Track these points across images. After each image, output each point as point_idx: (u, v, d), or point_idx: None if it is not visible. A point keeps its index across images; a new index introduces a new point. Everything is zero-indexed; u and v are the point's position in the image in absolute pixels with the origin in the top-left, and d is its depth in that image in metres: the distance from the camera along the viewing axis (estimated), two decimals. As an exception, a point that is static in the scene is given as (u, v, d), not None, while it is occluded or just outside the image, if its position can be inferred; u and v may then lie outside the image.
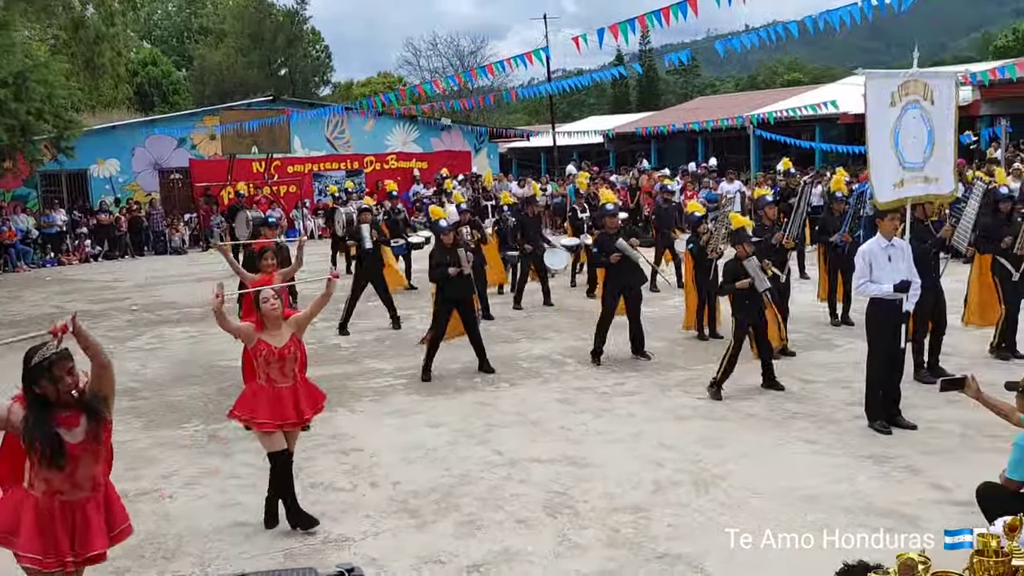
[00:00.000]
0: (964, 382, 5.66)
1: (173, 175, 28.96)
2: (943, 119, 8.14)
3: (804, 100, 30.15)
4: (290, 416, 6.19)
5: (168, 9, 63.63)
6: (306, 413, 6.35)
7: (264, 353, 6.19)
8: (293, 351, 6.27)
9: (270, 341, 6.22)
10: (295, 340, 6.32)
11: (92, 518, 4.32)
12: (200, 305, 16.09)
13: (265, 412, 6.13)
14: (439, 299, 10.22)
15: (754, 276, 8.85)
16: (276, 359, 6.19)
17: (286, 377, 6.23)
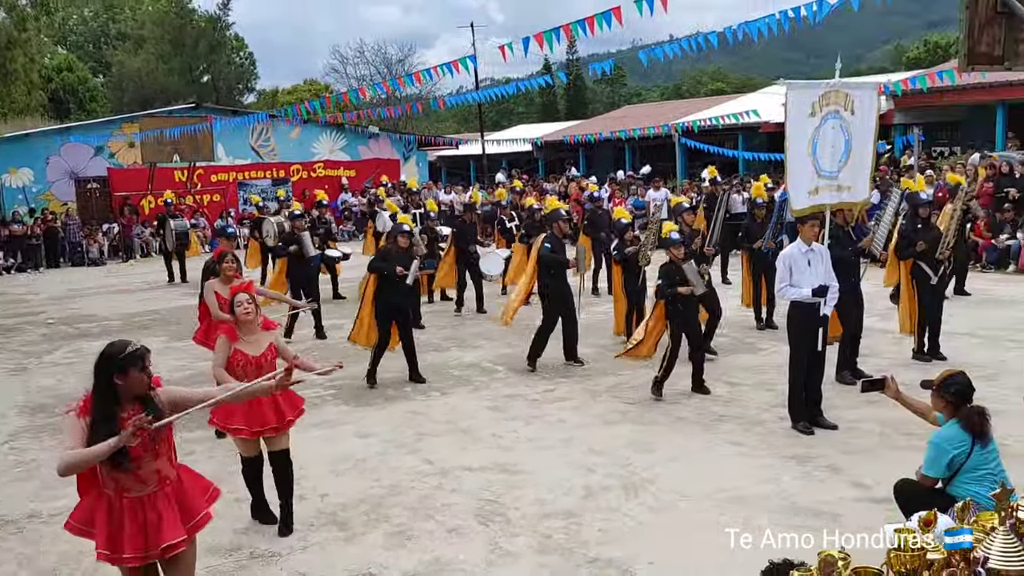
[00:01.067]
0: (884, 383, 5.82)
1: (90, 184, 28.22)
2: (863, 129, 8.36)
3: (727, 109, 30.74)
4: (270, 421, 6.17)
5: (84, 14, 62.08)
6: (288, 415, 6.29)
7: (241, 362, 6.13)
8: (270, 360, 6.20)
9: (246, 350, 6.17)
10: (274, 348, 6.26)
11: (163, 512, 4.38)
12: (120, 317, 15.72)
13: (240, 419, 6.11)
14: (378, 306, 10.06)
15: (692, 279, 8.98)
16: (254, 367, 6.10)
17: None
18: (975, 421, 5.11)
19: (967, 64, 4.93)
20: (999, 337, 11.14)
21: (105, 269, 24.47)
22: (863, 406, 8.31)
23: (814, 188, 8.13)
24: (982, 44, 4.93)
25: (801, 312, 7.90)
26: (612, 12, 10.80)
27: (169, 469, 4.48)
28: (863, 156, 8.43)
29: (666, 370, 9.07)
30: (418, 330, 12.84)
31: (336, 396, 9.85)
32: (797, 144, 8.01)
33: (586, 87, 67.46)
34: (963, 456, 5.09)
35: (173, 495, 4.47)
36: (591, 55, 74.83)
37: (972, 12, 4.87)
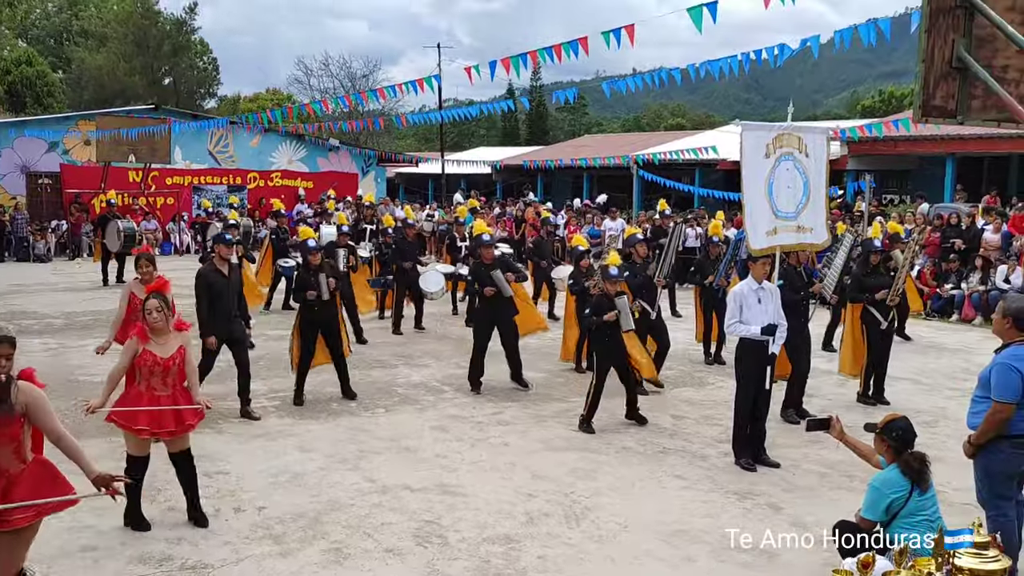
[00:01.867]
0: (829, 423, 5.89)
1: (42, 179, 27.67)
2: (817, 172, 8.51)
3: (686, 144, 31.13)
4: (168, 424, 6.18)
5: (48, 8, 61.12)
6: (188, 419, 6.28)
7: (149, 363, 6.14)
8: (178, 363, 6.22)
9: (156, 351, 6.17)
10: (183, 351, 6.25)
11: None
12: (62, 316, 15.39)
13: (144, 418, 6.10)
14: (301, 322, 10.00)
15: (621, 315, 8.99)
16: (161, 369, 6.15)
17: (167, 386, 6.21)
18: (915, 467, 5.18)
19: (921, 116, 5.06)
20: (940, 384, 11.36)
21: (51, 266, 23.96)
22: (806, 445, 8.40)
23: (772, 229, 8.24)
24: (937, 98, 5.07)
25: (749, 349, 7.98)
26: (579, 42, 10.89)
27: (13, 463, 4.45)
28: (819, 198, 8.58)
29: (591, 407, 9.06)
30: (364, 346, 12.77)
31: (279, 408, 9.71)
32: (753, 184, 8.11)
33: (548, 114, 67.93)
34: (902, 501, 5.15)
35: (5, 490, 4.44)
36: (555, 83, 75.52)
37: (928, 66, 5.00)
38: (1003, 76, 4.98)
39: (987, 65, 4.95)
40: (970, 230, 17.78)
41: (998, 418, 5.31)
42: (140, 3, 53.41)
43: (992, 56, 5.01)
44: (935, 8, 4.93)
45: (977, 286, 16.42)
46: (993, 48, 5.01)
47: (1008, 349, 5.40)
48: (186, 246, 27.73)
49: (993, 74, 4.92)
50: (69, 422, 8.82)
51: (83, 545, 6.14)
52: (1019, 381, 5.25)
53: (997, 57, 5.02)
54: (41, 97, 47.95)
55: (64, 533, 6.28)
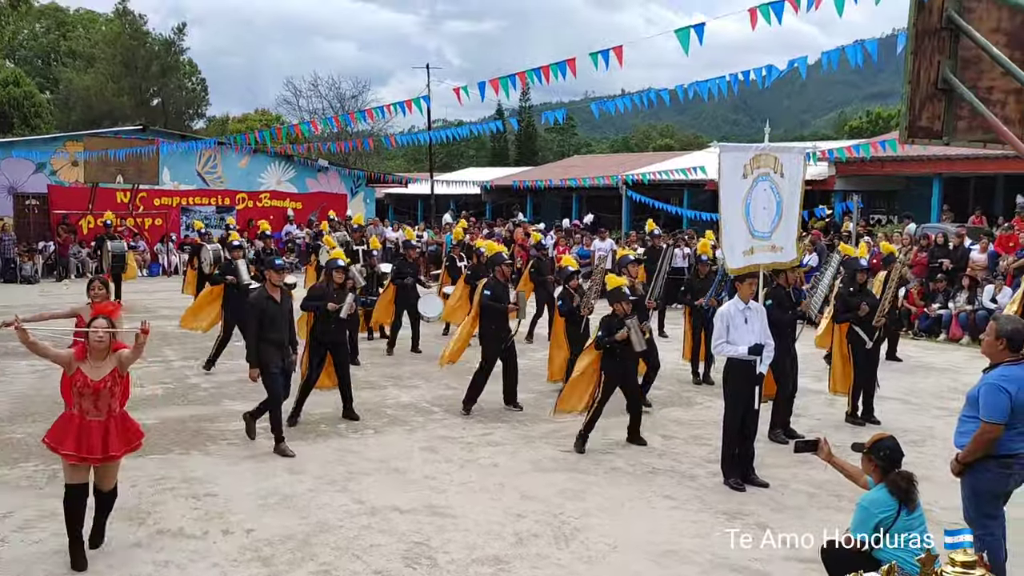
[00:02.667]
0: (817, 444, 5.89)
1: (29, 200, 27.57)
2: (791, 192, 8.58)
3: (675, 164, 31.28)
4: (95, 451, 6.02)
5: (35, 29, 61.06)
6: (113, 449, 6.10)
7: (79, 384, 6.04)
8: (110, 386, 6.07)
9: (88, 373, 6.05)
10: (115, 375, 6.11)
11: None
12: (48, 337, 15.25)
13: (72, 443, 5.97)
14: (311, 341, 9.99)
15: (634, 335, 8.98)
16: (91, 392, 6.02)
17: (99, 411, 6.05)
18: (902, 486, 5.19)
19: (908, 137, 5.10)
20: (928, 404, 11.39)
21: (39, 288, 23.82)
22: (794, 465, 8.41)
23: (749, 248, 8.30)
24: (923, 119, 5.11)
25: (737, 369, 7.99)
26: (567, 63, 10.94)
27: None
28: (791, 218, 8.64)
29: (589, 424, 9.07)
30: (355, 367, 12.71)
31: (268, 430, 9.63)
32: (731, 205, 8.19)
33: (537, 135, 68.21)
34: (889, 520, 5.15)
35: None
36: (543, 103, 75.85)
37: (914, 87, 5.05)
38: (988, 97, 5.03)
39: (973, 86, 5.00)
40: (957, 250, 17.89)
41: (986, 438, 5.31)
42: (128, 24, 53.43)
43: (978, 78, 5.06)
44: (921, 30, 4.99)
45: (964, 306, 16.51)
46: (978, 70, 5.06)
47: (997, 369, 5.41)
48: (174, 267, 27.65)
49: (978, 95, 4.97)
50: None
51: (70, 569, 6.08)
52: (1008, 402, 5.26)
53: (982, 79, 5.07)
54: (29, 118, 47.82)
55: (51, 556, 6.23)
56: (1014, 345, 5.38)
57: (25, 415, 10.15)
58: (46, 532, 6.66)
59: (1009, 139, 4.81)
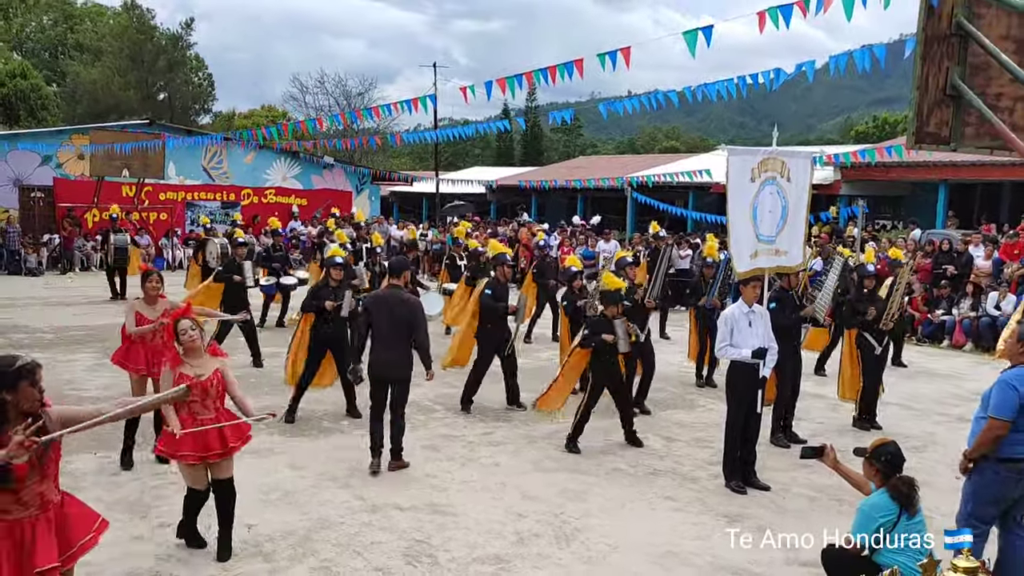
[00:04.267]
0: (823, 451, 5.88)
1: (35, 193, 27.61)
2: (798, 196, 8.57)
3: (680, 167, 31.24)
4: (214, 447, 6.10)
5: (43, 22, 61.21)
6: (232, 442, 6.19)
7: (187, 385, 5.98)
8: (216, 383, 6.14)
9: (191, 373, 6.06)
10: (219, 373, 6.19)
11: (40, 536, 4.23)
12: (53, 330, 15.33)
13: (189, 445, 6.01)
14: (312, 339, 9.99)
15: (619, 336, 9.00)
16: (200, 391, 6.04)
17: (208, 409, 6.11)
18: (903, 491, 5.19)
19: (915, 143, 5.10)
20: (930, 410, 11.38)
21: (43, 280, 23.87)
22: (796, 469, 8.40)
23: (754, 252, 8.30)
24: (930, 124, 5.10)
25: (740, 372, 7.99)
26: (574, 63, 10.94)
27: (54, 492, 4.35)
28: (797, 222, 8.63)
29: (577, 427, 9.07)
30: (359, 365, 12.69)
31: (271, 425, 9.62)
32: (738, 208, 8.17)
33: (543, 135, 68.26)
34: (890, 525, 5.15)
35: (55, 520, 4.33)
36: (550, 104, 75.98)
37: (922, 93, 5.04)
38: (996, 104, 5.02)
39: (981, 93, 4.99)
40: (961, 256, 17.86)
41: (992, 434, 5.36)
42: (136, 18, 53.53)
43: (986, 84, 5.05)
44: (930, 36, 4.98)
45: (968, 312, 16.49)
46: (987, 76, 5.05)
47: (1013, 369, 5.47)
48: (179, 262, 27.67)
49: (987, 102, 4.96)
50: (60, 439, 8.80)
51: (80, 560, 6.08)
52: (1016, 400, 5.31)
53: (991, 85, 5.06)
54: (35, 110, 47.94)
55: (131, 542, 6.26)
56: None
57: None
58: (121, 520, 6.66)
59: (1017, 146, 4.80)
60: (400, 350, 8.08)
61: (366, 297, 8.50)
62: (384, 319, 8.06)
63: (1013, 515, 5.65)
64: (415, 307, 8.28)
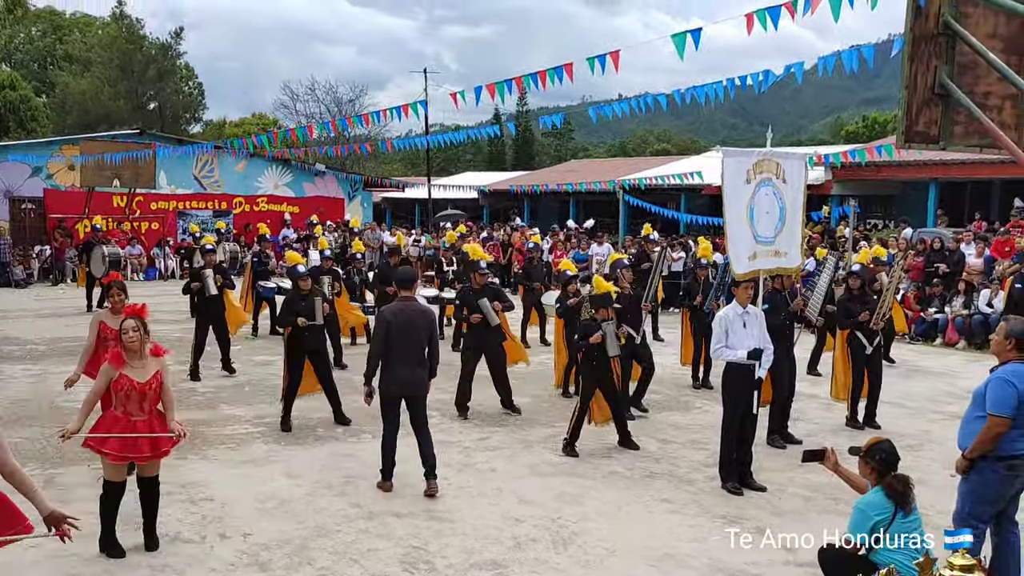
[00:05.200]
0: (824, 454, 5.88)
1: (25, 204, 27.53)
2: (793, 198, 8.58)
3: (672, 169, 31.28)
4: (144, 451, 6.16)
5: (32, 33, 61.06)
6: (164, 445, 6.24)
7: (125, 388, 6.11)
8: (155, 387, 6.19)
9: (132, 375, 6.13)
10: (160, 376, 6.23)
11: None
12: (44, 342, 15.27)
13: (115, 444, 6.06)
14: (291, 349, 9.97)
15: (608, 340, 8.99)
16: (137, 394, 6.10)
17: (143, 412, 6.17)
18: (898, 489, 5.19)
19: (904, 142, 5.11)
20: (924, 408, 11.40)
21: (34, 292, 23.79)
22: (791, 469, 8.41)
23: (753, 253, 8.30)
24: (919, 123, 5.12)
25: (736, 374, 8.00)
26: (564, 68, 10.96)
27: None
28: (795, 223, 8.65)
29: (574, 431, 9.07)
30: (343, 370, 12.69)
31: (264, 434, 9.65)
32: (735, 210, 8.17)
33: (534, 139, 68.31)
34: (886, 523, 5.16)
35: None
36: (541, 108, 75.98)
37: (911, 92, 5.06)
38: (985, 103, 5.04)
39: (969, 92, 5.01)
40: (953, 254, 17.91)
41: (994, 432, 5.37)
42: (125, 28, 53.40)
43: (974, 83, 5.07)
44: (918, 35, 5.00)
45: (960, 310, 16.53)
46: (975, 75, 5.07)
47: (1006, 366, 5.48)
48: (171, 271, 27.62)
49: (975, 100, 4.98)
50: (52, 450, 8.79)
51: (67, 573, 6.09)
52: (1015, 395, 5.32)
53: (979, 84, 5.08)
54: (25, 121, 47.79)
55: (46, 560, 6.22)
56: (1022, 345, 5.45)
57: (22, 419, 10.14)
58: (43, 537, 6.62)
59: (1005, 144, 4.82)
60: (418, 365, 7.73)
61: (380, 312, 8.12)
62: (400, 334, 7.66)
63: (1008, 513, 5.67)
64: (432, 319, 7.99)
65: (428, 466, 7.83)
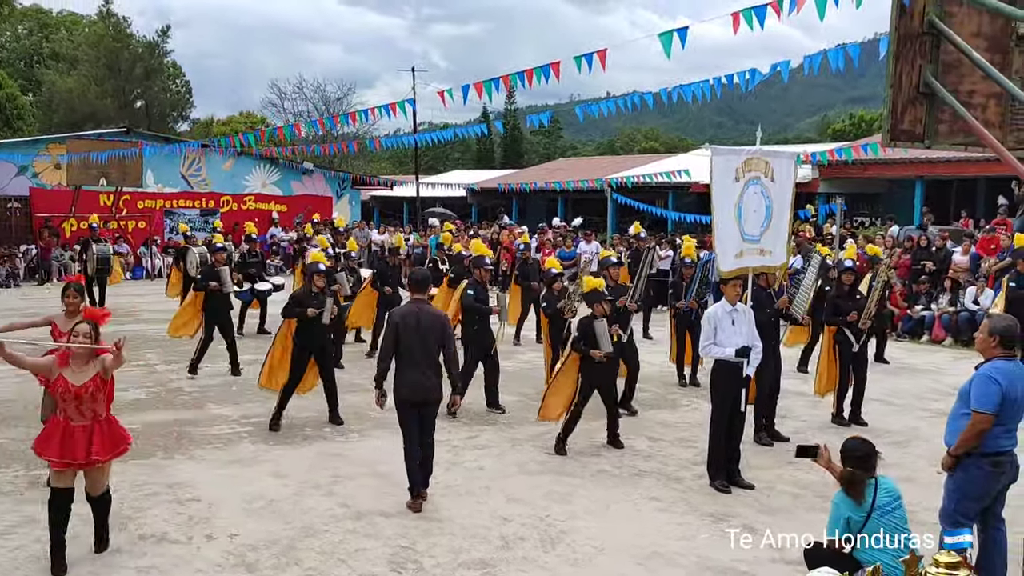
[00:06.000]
0: (817, 451, 5.90)
1: (11, 203, 27.38)
2: (782, 196, 8.59)
3: (659, 167, 31.32)
4: (79, 456, 5.99)
5: (18, 31, 60.68)
6: (97, 454, 6.04)
7: (61, 390, 6.02)
8: (92, 391, 6.04)
9: (70, 378, 6.02)
10: (98, 379, 6.07)
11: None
12: (30, 341, 15.15)
13: (55, 449, 5.96)
14: (295, 346, 9.95)
15: (599, 338, 9.00)
16: (73, 397, 5.99)
17: (83, 415, 6.03)
18: (844, 478, 5.28)
19: (890, 140, 5.13)
20: (911, 405, 11.45)
21: (20, 291, 23.65)
22: (780, 467, 8.44)
23: (739, 251, 8.32)
24: (904, 122, 5.14)
25: (724, 371, 8.01)
26: (551, 66, 10.96)
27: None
28: (781, 222, 8.66)
29: (567, 428, 9.08)
30: (338, 370, 12.66)
31: (252, 434, 9.62)
32: (723, 208, 8.18)
33: (523, 137, 68.30)
34: (861, 520, 5.19)
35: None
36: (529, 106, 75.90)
37: (896, 91, 5.07)
38: (969, 101, 5.06)
39: (954, 90, 5.03)
40: (940, 252, 18.00)
41: (978, 428, 5.39)
42: (112, 26, 53.16)
43: (959, 81, 5.09)
44: (903, 34, 5.01)
45: (947, 307, 16.61)
46: (959, 73, 5.09)
47: (990, 362, 5.50)
48: (157, 270, 27.51)
49: (960, 99, 5.00)
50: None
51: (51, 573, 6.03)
52: (999, 392, 5.34)
53: (963, 82, 5.10)
54: (11, 120, 47.50)
55: (32, 562, 6.18)
56: (1006, 342, 5.50)
57: (6, 419, 10.07)
58: (27, 538, 6.60)
59: (990, 142, 4.84)
60: (431, 371, 7.46)
61: (390, 314, 7.88)
62: (413, 337, 7.38)
63: (993, 509, 5.70)
64: (445, 322, 7.67)
65: (425, 475, 7.62)
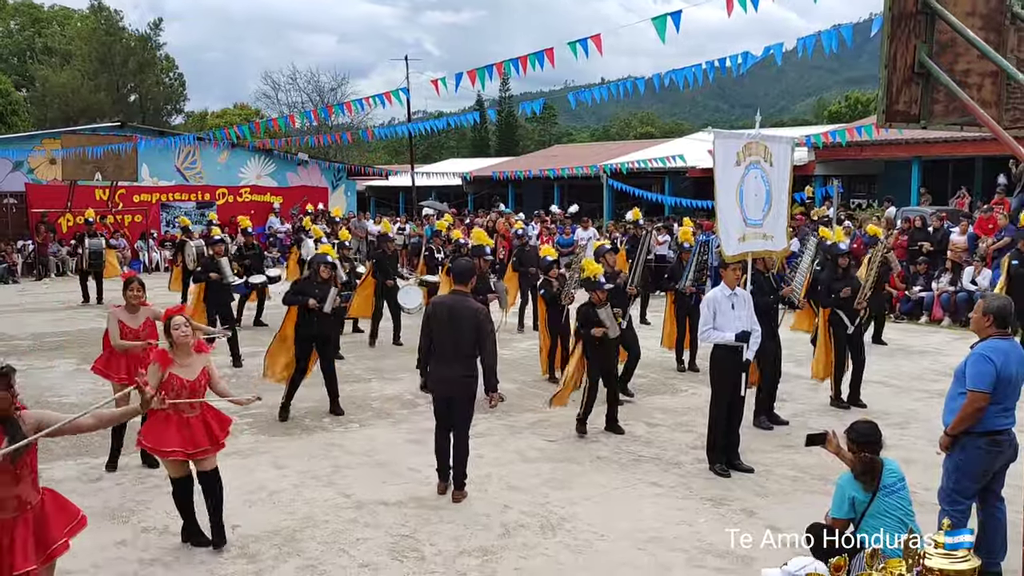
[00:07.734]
0: (826, 437, 5.91)
1: (6, 199, 27.31)
2: (780, 180, 8.59)
3: (655, 153, 31.26)
4: (202, 443, 6.15)
5: (10, 27, 60.41)
6: (220, 436, 6.28)
7: (176, 387, 6.07)
8: (204, 384, 6.19)
9: (181, 374, 6.11)
10: (205, 372, 6.22)
11: (17, 539, 4.25)
12: (29, 337, 15.18)
13: (174, 441, 6.05)
14: (297, 336, 9.95)
15: (607, 323, 9.02)
16: (188, 393, 6.09)
17: (193, 408, 6.16)
18: (858, 468, 5.28)
19: (885, 121, 5.11)
20: (910, 387, 11.46)
21: (17, 287, 23.63)
22: (779, 451, 8.45)
23: (742, 236, 8.31)
24: (900, 103, 5.12)
25: (724, 356, 8.01)
26: (545, 53, 10.93)
27: (31, 494, 4.37)
28: (781, 207, 8.65)
29: (586, 408, 9.12)
30: (338, 361, 12.67)
31: (252, 425, 9.63)
32: (726, 192, 8.17)
33: (517, 124, 68.16)
34: (865, 501, 5.20)
35: (32, 522, 4.35)
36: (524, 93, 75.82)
37: (891, 71, 5.05)
38: (965, 80, 5.05)
39: (949, 70, 5.02)
40: (938, 232, 17.99)
41: (973, 408, 5.41)
42: (104, 20, 52.98)
43: (954, 61, 5.08)
44: (897, 14, 4.99)
45: (946, 287, 16.62)
46: (954, 53, 5.07)
47: (985, 342, 5.51)
48: (155, 264, 27.49)
49: (955, 79, 4.98)
50: (39, 447, 8.72)
51: (57, 568, 6.03)
52: (993, 371, 5.36)
53: (958, 62, 5.09)
54: (5, 116, 47.34)
55: None
56: (1000, 322, 5.51)
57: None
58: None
59: (986, 121, 4.83)
60: (459, 364, 7.26)
61: (430, 304, 7.73)
62: (447, 330, 7.25)
63: (993, 488, 5.71)
64: (483, 317, 7.37)
65: (455, 476, 7.43)
